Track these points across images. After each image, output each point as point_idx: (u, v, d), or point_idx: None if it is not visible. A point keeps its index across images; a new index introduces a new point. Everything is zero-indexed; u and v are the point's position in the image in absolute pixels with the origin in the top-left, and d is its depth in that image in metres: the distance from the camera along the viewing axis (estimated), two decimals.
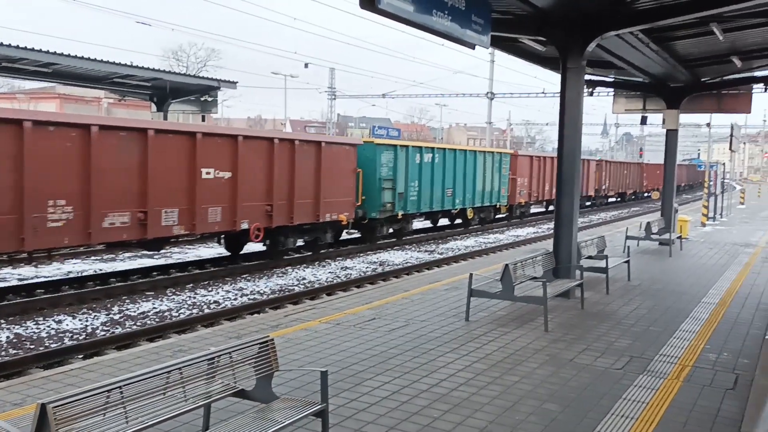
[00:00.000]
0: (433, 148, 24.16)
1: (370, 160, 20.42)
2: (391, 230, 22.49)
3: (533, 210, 35.37)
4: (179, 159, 14.03)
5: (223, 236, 16.86)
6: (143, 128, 13.43)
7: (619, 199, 49.13)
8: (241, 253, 17.62)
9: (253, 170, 15.73)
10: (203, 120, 31.17)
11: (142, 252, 18.46)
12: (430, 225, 27.58)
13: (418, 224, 26.63)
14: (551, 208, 35.21)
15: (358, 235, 22.30)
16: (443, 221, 27.54)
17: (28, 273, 15.24)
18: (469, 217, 27.02)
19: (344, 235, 22.19)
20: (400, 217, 22.20)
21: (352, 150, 19.41)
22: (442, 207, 24.82)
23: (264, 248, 17.61)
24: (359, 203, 19.92)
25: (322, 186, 17.91)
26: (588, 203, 41.48)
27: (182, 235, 14.72)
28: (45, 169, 11.63)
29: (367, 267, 17.88)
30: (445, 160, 24.59)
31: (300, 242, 18.72)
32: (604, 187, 43.26)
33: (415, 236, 23.94)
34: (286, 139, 17.08)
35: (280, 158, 16.51)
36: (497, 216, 30.21)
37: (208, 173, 14.59)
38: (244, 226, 15.60)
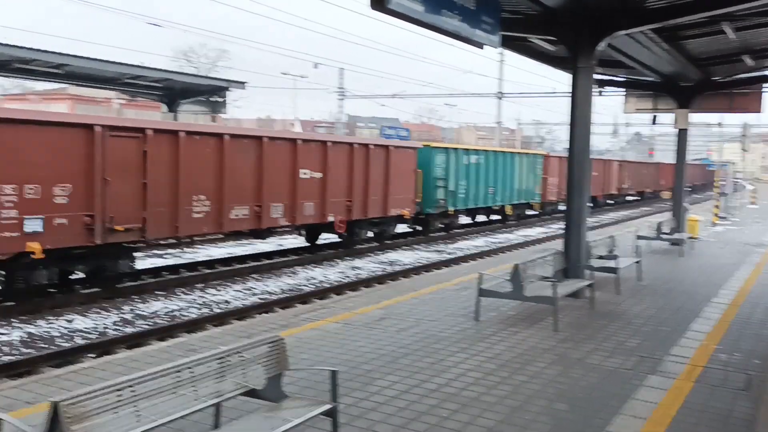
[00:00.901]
0: (477, 151, 26.83)
1: (426, 162, 22.80)
2: (441, 225, 24.69)
3: (561, 207, 36.10)
4: (284, 162, 16.62)
5: (303, 228, 19.51)
6: (260, 136, 16.22)
7: (638, 197, 50.65)
8: (318, 243, 20.07)
9: (337, 171, 18.36)
10: (213, 121, 31.25)
11: (153, 251, 18.58)
12: (471, 221, 28.70)
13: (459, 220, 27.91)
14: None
15: (406, 229, 24.03)
16: (480, 218, 28.97)
17: None
18: (508, 214, 29.24)
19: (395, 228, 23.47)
20: (451, 212, 24.63)
21: (413, 153, 21.99)
22: (485, 204, 27.19)
23: (340, 239, 19.96)
24: (418, 200, 22.25)
25: (390, 184, 20.50)
26: (611, 201, 43.28)
27: (285, 225, 17.47)
28: (192, 170, 14.14)
29: (376, 267, 17.89)
30: (488, 161, 26.88)
31: (370, 234, 20.95)
32: (625, 186, 45.14)
33: (412, 236, 23.96)
34: (363, 144, 19.84)
35: (358, 160, 19.19)
36: (528, 213, 31.67)
37: (305, 174, 17.25)
38: (331, 218, 18.27)
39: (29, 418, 5.40)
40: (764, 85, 18.03)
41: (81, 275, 13.27)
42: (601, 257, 11.93)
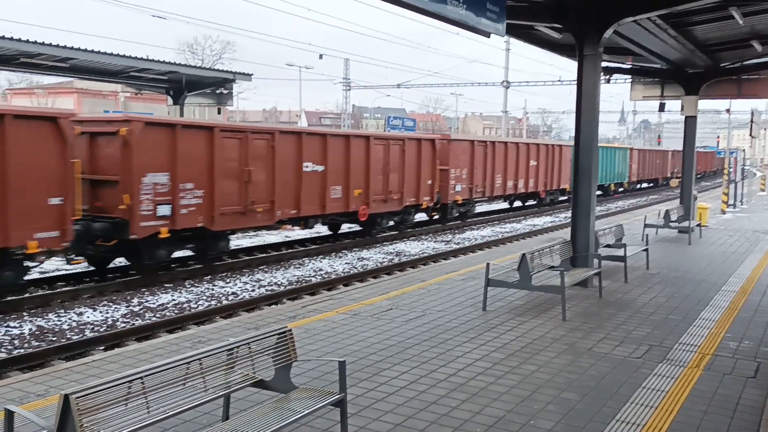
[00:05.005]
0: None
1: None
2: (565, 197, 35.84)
3: (637, 186, 49.24)
4: (520, 157, 29.08)
5: (510, 198, 30.93)
6: (504, 142, 28.93)
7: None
8: (518, 206, 32.72)
9: (538, 161, 30.96)
10: (219, 113, 31.26)
11: None
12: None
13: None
14: (644, 185, 50.54)
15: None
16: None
17: (49, 266, 15.42)
18: (612, 189, 41.51)
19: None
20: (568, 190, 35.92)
21: (570, 148, 31.54)
22: (602, 182, 38.03)
23: (520, 204, 32.78)
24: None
25: (561, 168, 33.37)
26: (665, 182, 54.46)
27: (519, 193, 29.84)
28: (456, 164, 24.58)
29: (383, 257, 17.90)
30: (602, 153, 36.66)
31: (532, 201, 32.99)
32: (676, 170, 55.59)
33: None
34: (552, 144, 33.63)
35: (550, 154, 32.23)
36: (619, 189, 43.80)
37: (530, 162, 30.06)
38: (539, 189, 31.52)
39: (41, 411, 5.45)
40: None
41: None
42: (608, 246, 11.89)
